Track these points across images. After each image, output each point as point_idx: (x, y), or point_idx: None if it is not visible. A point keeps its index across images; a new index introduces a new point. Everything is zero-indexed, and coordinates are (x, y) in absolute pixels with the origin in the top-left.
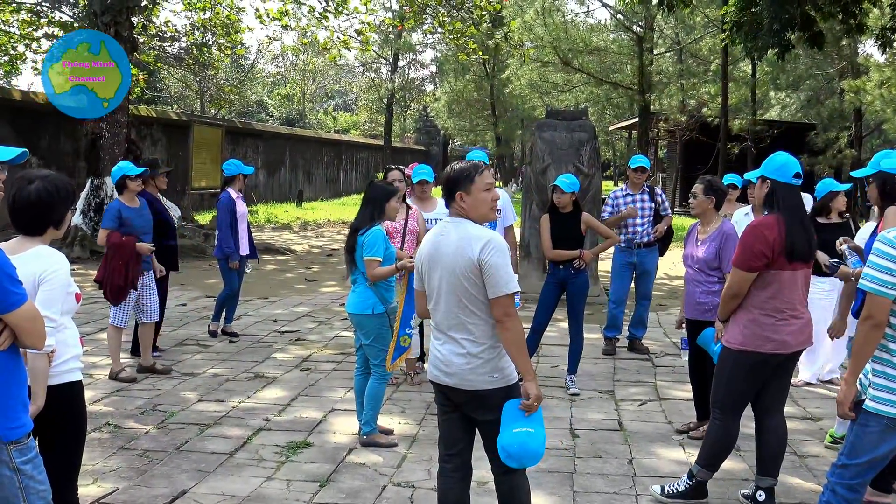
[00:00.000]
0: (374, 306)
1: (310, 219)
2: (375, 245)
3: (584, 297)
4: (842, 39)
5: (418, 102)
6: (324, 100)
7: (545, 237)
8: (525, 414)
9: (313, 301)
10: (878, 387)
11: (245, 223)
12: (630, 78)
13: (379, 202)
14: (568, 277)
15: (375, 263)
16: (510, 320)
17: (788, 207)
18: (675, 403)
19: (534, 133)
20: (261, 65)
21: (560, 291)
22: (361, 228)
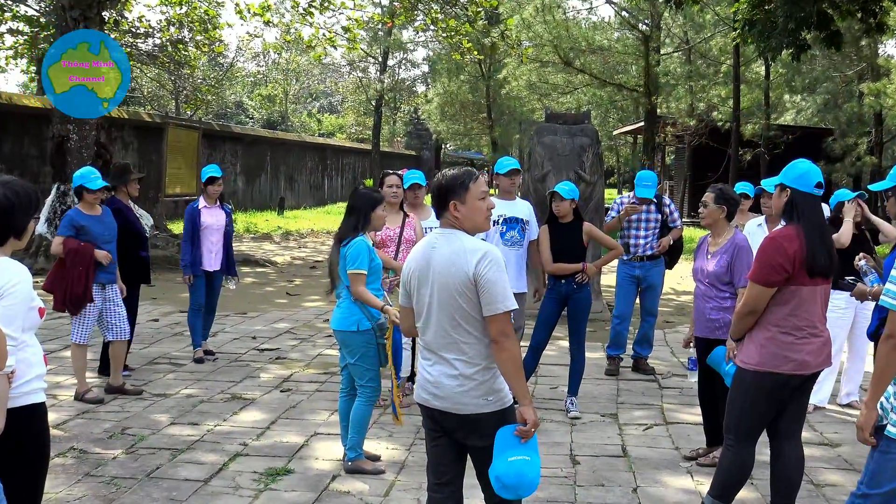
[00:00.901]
0: (359, 322)
1: (292, 228)
2: (359, 257)
3: (587, 313)
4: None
5: (409, 104)
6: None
7: (544, 250)
8: (521, 440)
9: (295, 317)
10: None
11: (218, 235)
12: (635, 79)
13: (364, 211)
14: (570, 292)
15: (360, 277)
16: (507, 340)
17: (809, 219)
18: (683, 428)
19: (532, 138)
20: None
21: (561, 307)
22: (345, 239)
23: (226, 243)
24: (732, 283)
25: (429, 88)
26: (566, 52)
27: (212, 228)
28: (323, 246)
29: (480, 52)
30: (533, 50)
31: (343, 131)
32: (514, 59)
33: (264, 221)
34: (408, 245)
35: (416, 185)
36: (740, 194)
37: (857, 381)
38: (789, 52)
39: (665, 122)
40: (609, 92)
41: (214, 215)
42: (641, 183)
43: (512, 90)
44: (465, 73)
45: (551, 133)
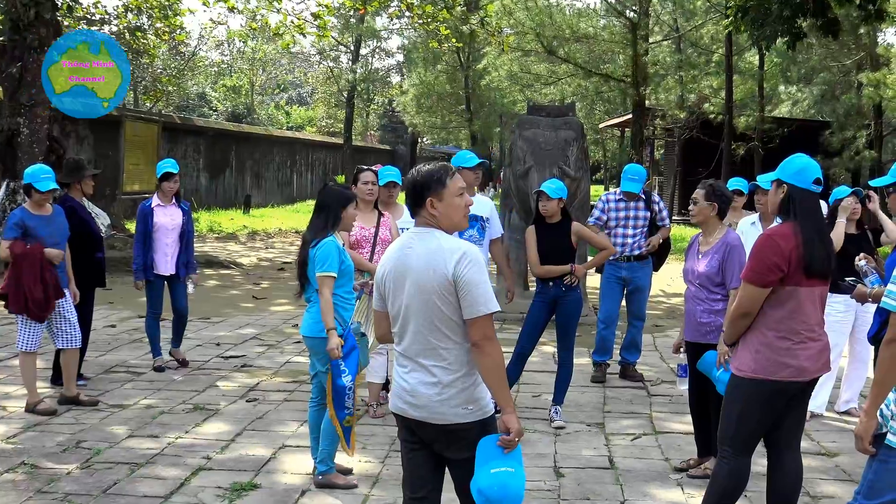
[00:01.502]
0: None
1: (258, 228)
2: (328, 259)
3: (577, 317)
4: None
5: (383, 96)
6: (275, 92)
7: (532, 251)
8: (504, 451)
9: (262, 322)
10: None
11: (174, 236)
12: (622, 69)
13: (334, 209)
14: (559, 295)
15: (329, 280)
16: (489, 344)
17: (806, 216)
18: (673, 437)
19: (514, 131)
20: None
21: (550, 312)
22: (313, 240)
23: (184, 245)
24: (724, 285)
25: (404, 79)
26: (549, 41)
27: (165, 229)
28: (292, 246)
29: (459, 40)
30: (514, 38)
31: (313, 124)
32: (495, 47)
33: (229, 220)
34: (384, 245)
35: (392, 183)
36: (734, 191)
37: (857, 388)
38: (784, 40)
39: (654, 115)
40: (595, 82)
41: (169, 214)
42: (627, 176)
43: (492, 81)
44: (442, 63)
45: (534, 126)
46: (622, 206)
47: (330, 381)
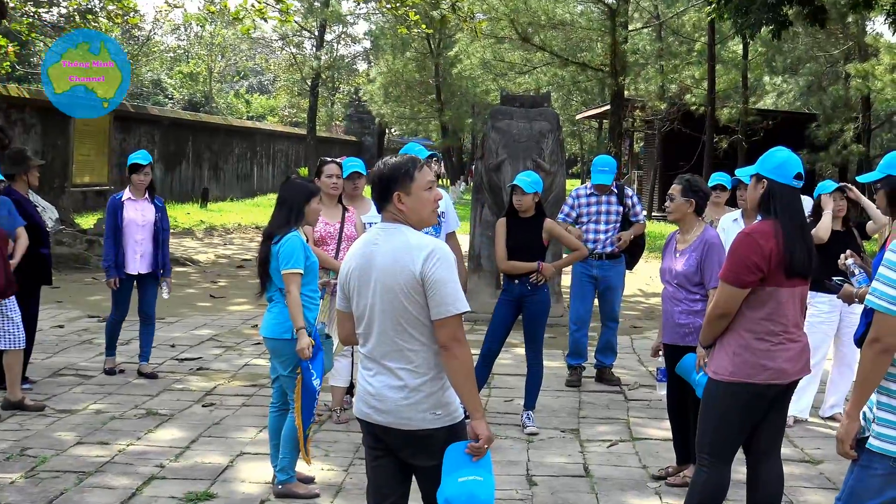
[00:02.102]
0: (293, 330)
1: (217, 223)
2: (293, 254)
3: (544, 318)
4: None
5: (349, 84)
6: (235, 80)
7: (500, 245)
8: (472, 459)
9: (219, 322)
10: (884, 422)
11: (145, 233)
12: (600, 58)
13: (297, 203)
14: (524, 294)
15: (295, 277)
16: (458, 346)
17: (787, 214)
18: (651, 444)
19: (486, 122)
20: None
21: (516, 311)
22: (276, 235)
23: (158, 243)
24: (703, 285)
25: (371, 66)
26: (524, 27)
27: (135, 224)
28: (251, 243)
29: (429, 25)
30: (487, 24)
31: (275, 114)
32: (467, 34)
33: (185, 215)
34: (349, 242)
35: (356, 174)
36: (716, 186)
37: (842, 392)
38: (769, 29)
39: (633, 106)
40: (571, 72)
41: (140, 209)
42: (598, 168)
43: (464, 69)
44: (411, 50)
45: (507, 117)
46: (594, 201)
47: (300, 384)
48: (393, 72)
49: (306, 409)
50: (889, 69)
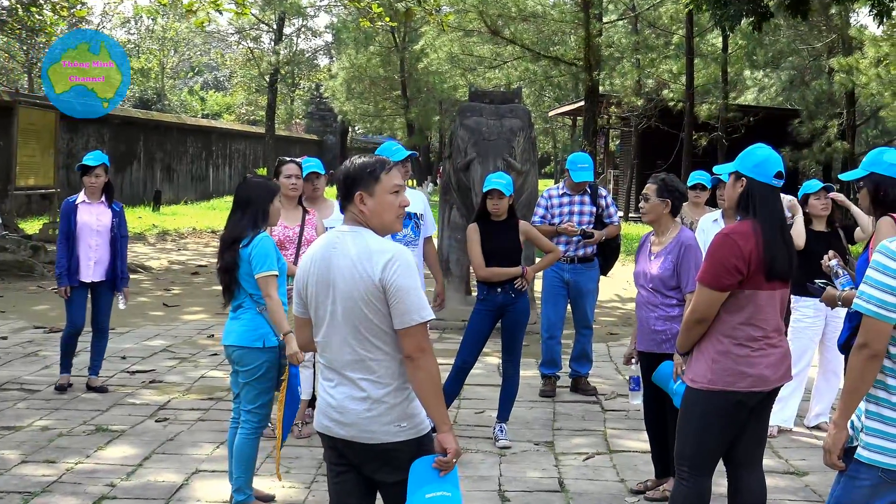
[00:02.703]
0: (264, 337)
1: (170, 227)
2: (267, 256)
3: (525, 326)
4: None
5: (309, 80)
6: (189, 76)
7: (475, 252)
8: (439, 473)
9: (173, 332)
10: (872, 432)
11: (100, 239)
12: (574, 52)
13: (261, 203)
14: (507, 303)
15: (271, 280)
16: (423, 356)
17: (767, 213)
18: (629, 457)
19: (455, 119)
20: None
21: (495, 320)
22: (244, 238)
23: (115, 250)
24: (679, 288)
25: (333, 62)
26: (493, 20)
27: (90, 229)
28: (207, 248)
29: (393, 18)
30: (455, 16)
31: (231, 112)
32: (433, 27)
33: (137, 219)
34: (309, 247)
35: (314, 174)
36: (695, 185)
37: (828, 400)
38: (749, 21)
39: (608, 102)
40: (543, 66)
41: (95, 213)
42: (576, 166)
43: (430, 64)
44: (375, 44)
45: (476, 114)
46: (566, 202)
47: (284, 392)
48: (356, 67)
49: (289, 415)
50: (874, 63)
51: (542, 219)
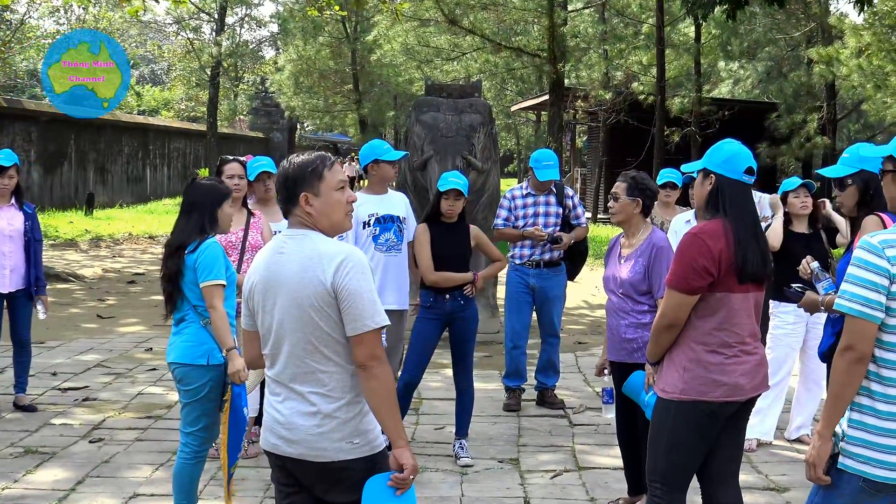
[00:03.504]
0: (209, 353)
1: (104, 232)
2: (215, 265)
3: (475, 335)
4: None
5: (254, 73)
6: None
7: (424, 255)
8: (395, 492)
9: (108, 346)
10: (854, 440)
11: (13, 245)
12: (537, 42)
13: (209, 207)
14: (455, 310)
15: (218, 290)
16: (377, 366)
17: (738, 211)
18: (600, 474)
19: (410, 115)
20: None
21: (442, 329)
22: (190, 244)
23: (30, 256)
24: (652, 293)
25: (279, 53)
26: (451, 8)
27: (1, 235)
28: (144, 255)
29: (343, 7)
30: (409, 5)
31: (170, 108)
32: (387, 16)
33: (68, 224)
34: (254, 252)
35: (266, 173)
36: (665, 183)
37: (810, 411)
38: (723, 9)
39: (575, 95)
40: (505, 58)
41: (6, 217)
42: (541, 164)
43: (384, 56)
44: (324, 35)
45: (433, 109)
46: (530, 203)
47: (228, 413)
48: (304, 59)
49: (234, 439)
50: (855, 53)
51: (505, 221)
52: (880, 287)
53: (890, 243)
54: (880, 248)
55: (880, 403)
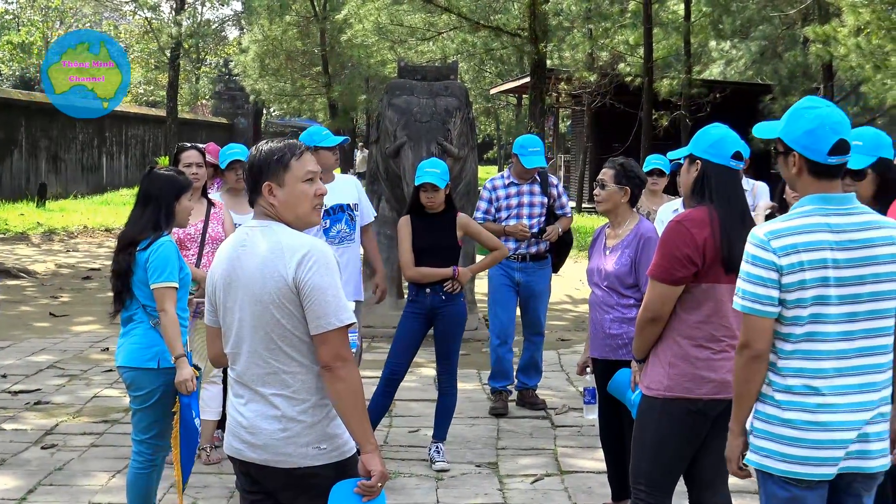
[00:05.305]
0: (160, 356)
1: (57, 225)
2: (167, 264)
3: (460, 332)
4: None
5: (217, 55)
6: None
7: (405, 249)
8: (363, 499)
9: (62, 346)
10: (758, 432)
11: None
12: (518, 21)
13: (166, 200)
14: (437, 306)
15: (170, 293)
16: (343, 366)
17: (724, 198)
18: (582, 478)
19: (382, 99)
20: None
21: (426, 326)
22: (142, 240)
23: None
24: (638, 287)
25: (243, 34)
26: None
27: None
28: (100, 248)
29: None
30: None
31: (128, 92)
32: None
33: (18, 216)
34: (215, 245)
35: (238, 162)
36: (652, 171)
37: None
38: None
39: (558, 78)
40: (483, 37)
41: None
42: (527, 150)
43: (355, 36)
44: (291, 13)
45: (407, 92)
46: (513, 192)
47: (178, 424)
48: (270, 40)
49: (186, 453)
50: (853, 32)
51: (485, 214)
52: (768, 281)
53: (777, 234)
54: (766, 240)
55: (779, 394)
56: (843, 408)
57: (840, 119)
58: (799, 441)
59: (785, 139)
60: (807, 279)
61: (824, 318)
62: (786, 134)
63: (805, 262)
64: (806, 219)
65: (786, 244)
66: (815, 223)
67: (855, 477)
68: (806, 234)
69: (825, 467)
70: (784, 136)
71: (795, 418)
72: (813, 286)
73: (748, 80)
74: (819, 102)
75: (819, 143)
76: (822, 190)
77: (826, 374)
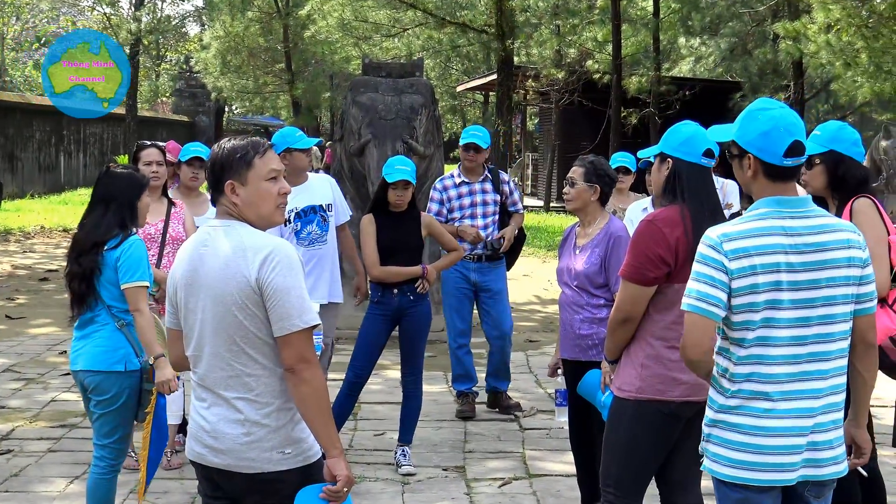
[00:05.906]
0: (126, 359)
1: (13, 225)
2: (140, 265)
3: (426, 333)
4: None
5: (177, 52)
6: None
7: (369, 248)
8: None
9: (18, 349)
10: (712, 439)
11: None
12: (484, 17)
13: (128, 199)
14: (405, 306)
15: (142, 292)
16: (308, 368)
17: (696, 196)
18: (551, 481)
19: (346, 96)
20: None
21: (391, 327)
22: (110, 240)
23: None
24: (608, 286)
25: (204, 30)
26: None
27: None
28: (58, 249)
29: None
30: None
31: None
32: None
33: None
34: (175, 245)
35: (198, 159)
36: (618, 168)
37: None
38: None
39: (525, 75)
40: (449, 34)
41: None
42: (469, 133)
43: (319, 32)
44: (253, 9)
45: (371, 90)
46: (465, 192)
47: (150, 425)
48: (231, 36)
49: (155, 455)
50: (823, 28)
51: (437, 216)
52: (718, 282)
53: (730, 237)
54: (719, 241)
55: (731, 399)
56: (789, 413)
57: (794, 120)
58: (747, 446)
59: (739, 142)
60: (759, 283)
61: (777, 322)
62: (740, 136)
63: (758, 265)
64: (760, 222)
65: (737, 247)
66: (769, 226)
67: (805, 485)
68: (759, 238)
69: (776, 473)
70: (738, 139)
71: (744, 423)
72: (765, 290)
73: (718, 77)
74: (772, 104)
75: (774, 145)
76: (777, 192)
77: (778, 378)
